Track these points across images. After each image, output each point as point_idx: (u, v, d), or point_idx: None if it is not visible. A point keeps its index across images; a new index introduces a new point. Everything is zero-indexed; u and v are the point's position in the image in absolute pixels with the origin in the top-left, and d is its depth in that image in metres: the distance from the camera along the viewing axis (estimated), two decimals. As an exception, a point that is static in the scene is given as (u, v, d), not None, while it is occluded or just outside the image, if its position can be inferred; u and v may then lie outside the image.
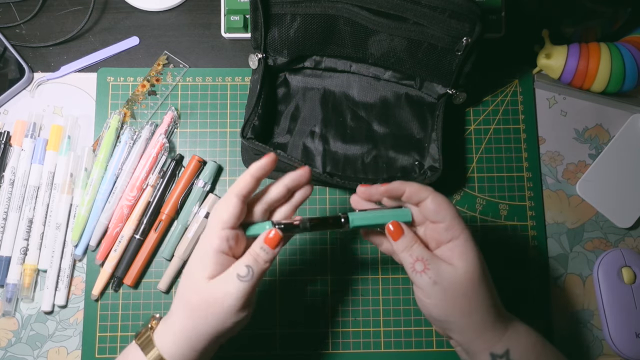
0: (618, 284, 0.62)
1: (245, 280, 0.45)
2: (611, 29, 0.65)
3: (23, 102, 0.66)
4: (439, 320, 0.48)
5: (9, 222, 0.61)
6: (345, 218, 0.49)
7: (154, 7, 0.68)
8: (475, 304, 0.46)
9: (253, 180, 0.48)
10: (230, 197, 0.47)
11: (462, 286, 0.46)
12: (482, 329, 0.47)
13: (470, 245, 0.47)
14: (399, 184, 0.48)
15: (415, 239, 0.48)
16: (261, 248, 0.46)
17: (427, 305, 0.47)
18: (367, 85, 0.66)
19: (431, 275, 0.46)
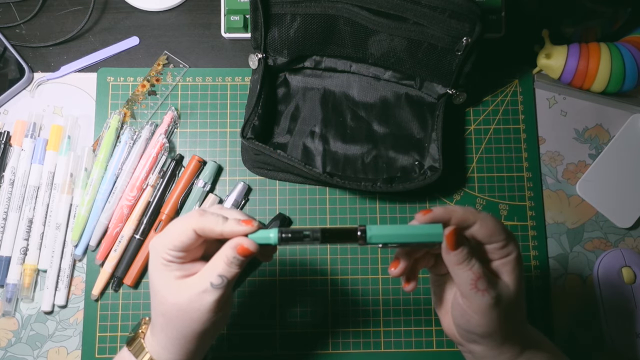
0: (618, 284, 0.62)
1: (219, 288, 0.43)
2: (611, 29, 0.65)
3: (23, 102, 0.66)
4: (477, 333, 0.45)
5: (9, 222, 0.61)
6: (362, 231, 0.42)
7: (154, 7, 0.68)
8: (515, 321, 0.45)
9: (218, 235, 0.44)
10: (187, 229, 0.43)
11: (513, 306, 0.44)
12: (510, 345, 0.45)
13: (521, 261, 0.45)
14: (443, 212, 0.43)
15: (473, 252, 0.43)
16: (234, 257, 0.43)
17: (473, 320, 0.44)
18: (367, 85, 0.66)
19: (493, 295, 0.43)
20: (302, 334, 0.61)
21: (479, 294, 0.43)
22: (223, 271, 0.43)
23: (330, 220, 0.63)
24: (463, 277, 0.43)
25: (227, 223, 0.43)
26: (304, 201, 0.64)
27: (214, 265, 0.44)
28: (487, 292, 0.42)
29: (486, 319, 0.43)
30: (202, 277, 0.44)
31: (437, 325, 0.62)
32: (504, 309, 0.43)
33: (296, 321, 0.61)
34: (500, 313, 0.43)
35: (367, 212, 0.64)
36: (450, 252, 0.43)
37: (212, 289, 0.43)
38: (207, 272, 0.44)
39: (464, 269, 0.43)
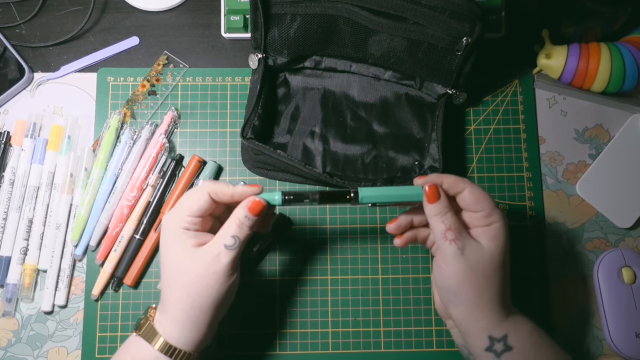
0: (618, 284, 0.62)
1: (233, 249, 0.47)
2: (611, 29, 0.65)
3: (23, 102, 0.66)
4: (451, 290, 0.49)
5: (9, 222, 0.61)
6: (354, 192, 0.49)
7: (154, 7, 0.68)
8: (489, 284, 0.48)
9: (229, 198, 0.49)
10: (203, 193, 0.49)
11: (484, 264, 0.48)
12: (487, 310, 0.48)
13: (504, 232, 0.49)
14: (436, 177, 0.50)
15: (450, 207, 0.49)
16: (245, 216, 0.48)
17: (445, 272, 0.48)
18: (367, 85, 0.66)
19: (460, 245, 0.48)
20: (302, 334, 0.61)
21: (446, 242, 0.48)
22: (235, 232, 0.47)
23: (330, 221, 0.63)
24: (437, 228, 0.49)
25: (236, 187, 0.49)
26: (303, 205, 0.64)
27: (227, 228, 0.48)
28: (454, 241, 0.48)
29: (454, 268, 0.48)
30: (216, 242, 0.48)
31: (437, 325, 0.62)
32: (472, 264, 0.47)
33: (296, 321, 0.61)
34: (467, 266, 0.47)
35: (367, 212, 0.64)
36: (429, 204, 0.49)
37: (226, 251, 0.47)
38: (220, 236, 0.48)
39: (439, 220, 0.49)
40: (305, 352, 0.61)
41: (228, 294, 0.48)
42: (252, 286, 0.62)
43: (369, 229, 0.63)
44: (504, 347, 0.48)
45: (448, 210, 0.49)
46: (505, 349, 0.48)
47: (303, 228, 0.63)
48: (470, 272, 0.47)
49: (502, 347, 0.48)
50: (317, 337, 0.61)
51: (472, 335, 0.49)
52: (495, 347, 0.48)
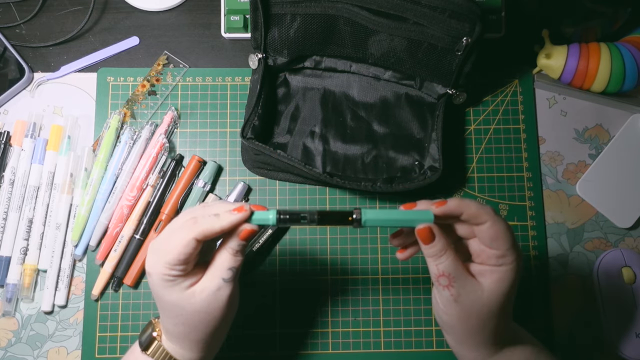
0: (618, 284, 0.62)
1: (231, 280, 0.45)
2: (611, 29, 0.65)
3: (23, 102, 0.66)
4: (442, 321, 0.47)
5: (9, 222, 0.61)
6: (357, 214, 0.44)
7: (154, 7, 0.68)
8: (484, 326, 0.46)
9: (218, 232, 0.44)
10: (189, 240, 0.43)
11: (480, 308, 0.45)
12: (479, 346, 0.47)
13: (513, 275, 0.45)
14: (457, 205, 0.45)
15: (446, 248, 0.45)
16: (238, 244, 0.44)
17: (440, 309, 0.46)
18: (367, 85, 0.66)
19: (453, 292, 0.45)
20: (302, 334, 0.61)
21: (439, 288, 0.46)
22: (231, 263, 0.45)
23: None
24: (431, 270, 0.46)
25: (222, 218, 0.44)
26: (304, 201, 0.64)
27: (222, 261, 0.45)
28: (447, 288, 0.45)
29: (447, 310, 0.46)
30: (212, 277, 0.45)
31: (437, 325, 0.61)
32: (467, 308, 0.45)
33: (296, 321, 0.61)
34: (460, 310, 0.45)
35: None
36: (423, 245, 0.45)
37: (225, 284, 0.45)
38: (217, 270, 0.45)
39: (432, 264, 0.46)
40: (305, 352, 0.61)
41: (233, 313, 0.48)
42: (252, 286, 0.62)
43: (369, 229, 0.63)
44: None
45: (443, 253, 0.45)
46: None
47: (303, 228, 0.63)
48: (464, 316, 0.45)
49: None
50: (317, 337, 0.61)
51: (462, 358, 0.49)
52: None
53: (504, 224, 0.45)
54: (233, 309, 0.47)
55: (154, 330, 0.48)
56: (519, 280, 0.46)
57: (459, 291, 0.45)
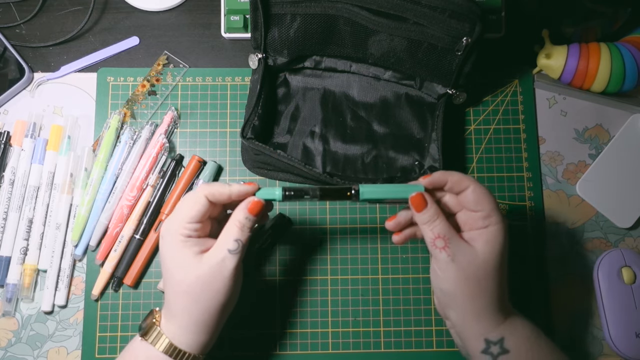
0: (618, 284, 0.62)
1: (236, 252, 0.47)
2: (611, 29, 0.65)
3: (23, 102, 0.66)
4: (445, 294, 0.49)
5: (9, 222, 0.61)
6: (356, 190, 0.49)
7: (154, 7, 0.68)
8: (483, 289, 0.47)
9: (226, 198, 0.49)
10: (200, 197, 0.48)
11: (477, 269, 0.47)
12: (482, 314, 0.48)
13: (501, 235, 0.48)
14: (441, 174, 0.49)
15: (439, 213, 0.48)
16: (246, 217, 0.48)
17: (439, 277, 0.48)
18: (367, 85, 0.66)
19: (450, 253, 0.47)
20: (302, 334, 0.61)
21: (436, 250, 0.48)
22: (237, 235, 0.47)
23: (330, 221, 0.63)
24: (427, 235, 0.48)
25: (232, 186, 0.49)
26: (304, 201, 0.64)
27: (228, 233, 0.48)
28: (444, 249, 0.47)
29: (446, 274, 0.47)
30: (219, 247, 0.47)
31: (438, 325, 0.62)
32: (464, 270, 0.47)
33: (296, 321, 0.61)
34: (458, 272, 0.47)
35: (367, 212, 0.64)
36: (416, 213, 0.48)
37: (230, 255, 0.47)
38: (223, 241, 0.48)
39: (427, 229, 0.48)
40: (305, 352, 0.61)
41: (234, 296, 0.49)
42: (252, 286, 0.62)
43: (369, 229, 0.63)
44: (500, 349, 0.48)
45: (436, 217, 0.48)
46: (502, 352, 0.48)
47: (303, 228, 0.63)
48: (462, 278, 0.47)
49: (499, 350, 0.48)
50: (317, 337, 0.61)
51: (468, 337, 0.49)
52: (491, 350, 0.48)
53: (484, 188, 0.49)
54: (235, 287, 0.48)
55: (154, 318, 0.49)
56: (508, 244, 0.49)
57: (455, 251, 0.47)
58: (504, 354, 0.48)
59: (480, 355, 0.48)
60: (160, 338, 0.47)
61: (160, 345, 0.47)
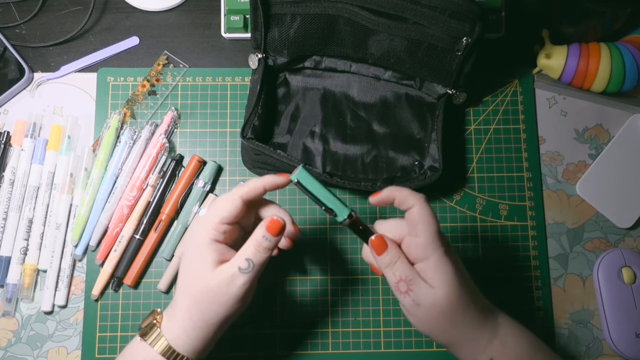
0: (618, 284, 0.62)
1: (246, 272, 0.46)
2: (611, 29, 0.65)
3: (23, 102, 0.66)
4: (424, 333, 0.49)
5: (9, 222, 0.61)
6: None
7: (154, 7, 0.68)
8: (454, 320, 0.47)
9: (262, 191, 0.49)
10: (235, 198, 0.48)
11: (440, 306, 0.46)
12: (464, 340, 0.47)
13: (443, 265, 0.46)
14: (389, 190, 0.48)
15: (399, 254, 0.47)
16: (263, 236, 0.47)
17: (411, 321, 0.48)
18: (367, 85, 0.66)
19: (414, 297, 0.46)
20: (303, 334, 0.61)
21: (401, 295, 0.47)
22: (251, 255, 0.46)
23: (330, 221, 0.63)
24: (390, 279, 0.47)
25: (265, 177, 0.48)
26: (304, 201, 0.64)
27: (244, 250, 0.47)
28: (407, 294, 0.46)
29: (415, 318, 0.47)
30: (233, 262, 0.47)
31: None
32: (431, 311, 0.46)
33: (296, 321, 0.61)
34: (425, 314, 0.46)
35: (367, 212, 0.64)
36: (377, 256, 0.47)
37: (239, 274, 0.46)
38: (237, 257, 0.47)
39: (389, 272, 0.47)
40: (305, 352, 0.61)
41: (236, 313, 0.48)
42: (252, 286, 0.62)
43: (369, 229, 0.63)
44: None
45: (397, 259, 0.47)
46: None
47: (303, 228, 0.63)
48: (430, 317, 0.46)
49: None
50: (317, 337, 0.61)
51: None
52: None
53: (430, 210, 0.47)
54: (240, 303, 0.47)
55: (154, 318, 0.49)
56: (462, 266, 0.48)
57: (417, 294, 0.46)
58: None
59: None
60: (160, 339, 0.47)
61: (158, 346, 0.47)
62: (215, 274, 0.46)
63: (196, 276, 0.47)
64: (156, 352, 0.47)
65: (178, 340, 0.47)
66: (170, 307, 0.49)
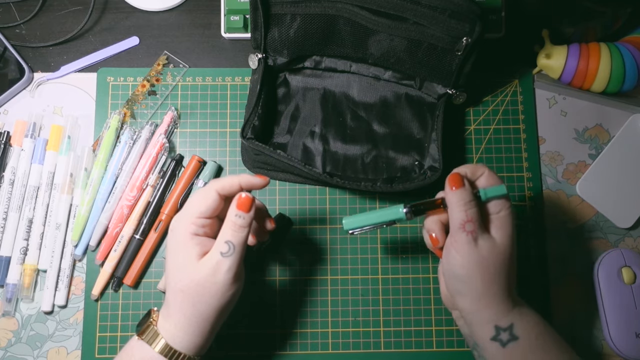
0: (618, 284, 0.62)
1: (229, 255, 0.47)
2: (611, 29, 0.65)
3: (23, 102, 0.66)
4: (460, 279, 0.49)
5: (9, 222, 0.61)
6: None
7: (154, 7, 0.68)
8: (498, 276, 0.48)
9: (237, 187, 0.49)
10: (211, 192, 0.48)
11: (495, 256, 0.48)
12: (494, 300, 0.48)
13: (510, 219, 0.49)
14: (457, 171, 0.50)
15: (473, 196, 0.49)
16: (236, 215, 0.47)
17: (456, 261, 0.48)
18: (367, 85, 0.66)
19: (475, 237, 0.48)
20: (302, 334, 0.61)
21: (463, 234, 0.48)
22: (229, 236, 0.47)
23: (330, 221, 0.63)
24: (457, 217, 0.48)
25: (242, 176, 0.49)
26: (304, 201, 0.64)
27: (221, 235, 0.47)
28: (471, 233, 0.48)
29: (466, 258, 0.48)
30: (214, 250, 0.47)
31: (437, 325, 0.62)
32: (484, 256, 0.48)
33: (296, 321, 0.61)
34: (479, 257, 0.47)
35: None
36: (450, 191, 0.49)
37: (223, 260, 0.46)
38: (217, 244, 0.47)
39: (460, 210, 0.48)
40: (305, 352, 0.61)
41: (230, 302, 0.48)
42: (253, 286, 0.62)
43: (369, 229, 0.63)
44: (509, 336, 0.48)
45: (472, 199, 0.48)
46: (511, 339, 0.48)
47: (303, 228, 0.63)
48: (481, 263, 0.48)
49: (508, 337, 0.48)
50: (317, 337, 0.61)
51: (478, 324, 0.49)
52: (501, 337, 0.48)
53: (495, 174, 0.50)
54: (231, 291, 0.47)
55: (151, 317, 0.49)
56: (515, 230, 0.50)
57: (479, 238, 0.48)
58: (513, 340, 0.48)
59: (490, 342, 0.49)
60: (157, 338, 0.47)
61: (155, 345, 0.47)
62: (200, 266, 0.47)
63: (182, 272, 0.47)
64: (154, 352, 0.47)
65: (175, 338, 0.47)
66: (164, 306, 0.49)
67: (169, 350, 0.47)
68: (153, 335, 0.48)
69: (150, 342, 0.47)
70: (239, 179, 0.49)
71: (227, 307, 0.48)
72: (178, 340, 0.47)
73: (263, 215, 0.53)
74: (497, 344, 0.48)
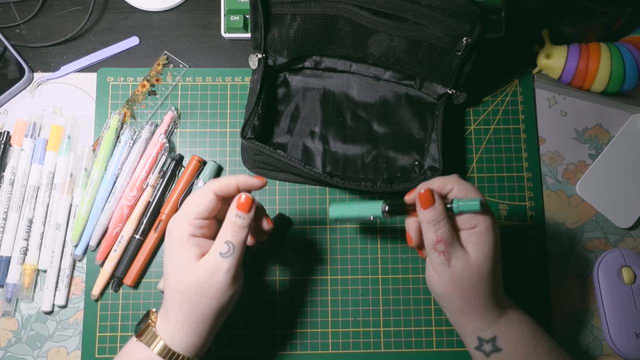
0: (618, 284, 0.62)
1: (228, 256, 0.46)
2: (611, 29, 0.65)
3: (23, 102, 0.66)
4: (439, 296, 0.49)
5: (9, 222, 0.61)
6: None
7: (154, 7, 0.68)
8: (476, 291, 0.48)
9: (235, 188, 0.49)
10: (208, 193, 0.48)
11: (470, 274, 0.47)
12: (475, 313, 0.48)
13: (488, 235, 0.48)
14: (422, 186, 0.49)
15: (445, 214, 0.48)
16: (236, 216, 0.47)
17: (433, 279, 0.49)
18: (367, 85, 0.66)
19: (447, 257, 0.47)
20: (302, 334, 0.61)
21: (435, 254, 0.48)
22: (229, 237, 0.47)
23: (330, 221, 0.63)
24: (429, 237, 0.48)
25: (239, 176, 0.49)
26: (304, 201, 0.64)
27: (221, 235, 0.47)
28: (442, 254, 0.47)
29: (441, 277, 0.48)
30: (213, 251, 0.47)
31: (437, 325, 0.62)
32: (458, 274, 0.47)
33: (296, 321, 0.61)
34: (453, 276, 0.47)
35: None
36: (422, 210, 0.48)
37: (222, 260, 0.46)
38: (216, 244, 0.47)
39: (430, 230, 0.48)
40: (305, 352, 0.61)
41: (229, 303, 0.48)
42: (252, 286, 0.62)
43: (368, 229, 0.63)
44: (492, 347, 0.48)
45: (442, 218, 0.47)
46: (494, 350, 0.48)
47: (303, 228, 0.63)
48: (456, 282, 0.47)
49: (491, 348, 0.48)
50: (317, 337, 0.61)
51: (462, 334, 0.51)
52: (484, 348, 0.49)
53: (469, 184, 0.49)
54: (229, 292, 0.47)
55: (149, 319, 0.49)
56: (499, 242, 0.49)
57: (452, 257, 0.47)
58: (496, 352, 0.48)
59: (474, 351, 0.50)
60: (155, 339, 0.47)
61: (154, 346, 0.47)
62: (198, 268, 0.46)
63: (180, 273, 0.47)
64: (153, 353, 0.47)
65: (174, 340, 0.47)
66: (163, 307, 0.49)
67: (168, 352, 0.47)
68: (152, 337, 0.48)
69: (149, 344, 0.47)
70: (237, 180, 0.49)
71: (226, 308, 0.48)
72: (177, 341, 0.47)
73: (261, 215, 0.53)
74: (481, 354, 0.49)
